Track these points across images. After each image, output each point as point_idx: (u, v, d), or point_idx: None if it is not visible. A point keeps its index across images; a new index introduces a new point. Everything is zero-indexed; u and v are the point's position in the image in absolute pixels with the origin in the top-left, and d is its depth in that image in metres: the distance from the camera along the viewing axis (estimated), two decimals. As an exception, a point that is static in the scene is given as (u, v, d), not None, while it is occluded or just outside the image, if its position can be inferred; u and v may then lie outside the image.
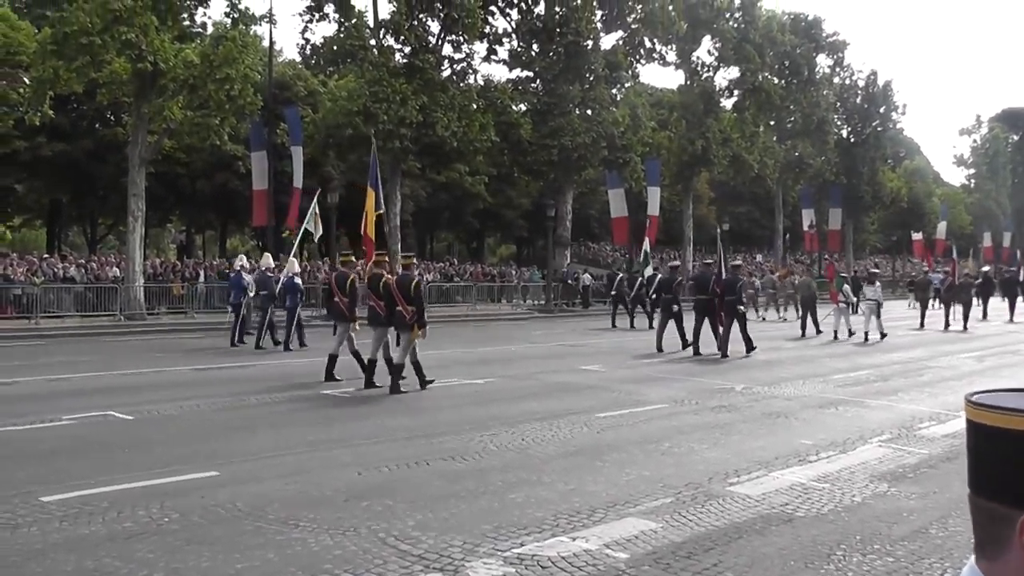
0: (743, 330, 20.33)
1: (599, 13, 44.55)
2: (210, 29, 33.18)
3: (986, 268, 43.00)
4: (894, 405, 12.66)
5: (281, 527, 6.31)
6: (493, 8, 44.14)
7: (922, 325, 29.69)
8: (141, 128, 29.94)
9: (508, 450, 9.13)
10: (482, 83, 42.28)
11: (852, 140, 67.48)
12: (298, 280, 21.74)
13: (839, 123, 67.22)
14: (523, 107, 43.87)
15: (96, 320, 27.31)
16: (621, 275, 33.41)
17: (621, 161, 44.15)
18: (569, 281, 42.66)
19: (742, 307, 20.79)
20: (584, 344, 23.07)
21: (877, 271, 31.70)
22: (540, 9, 44.18)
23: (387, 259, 17.50)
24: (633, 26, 46.87)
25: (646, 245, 33.61)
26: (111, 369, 16.20)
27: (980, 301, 34.24)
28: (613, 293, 32.19)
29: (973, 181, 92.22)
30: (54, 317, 27.27)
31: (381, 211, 20.42)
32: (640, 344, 22.35)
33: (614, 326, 29.71)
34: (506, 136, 40.95)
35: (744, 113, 56.61)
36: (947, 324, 29.60)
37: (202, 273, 34.60)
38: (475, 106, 39.61)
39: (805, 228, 55.51)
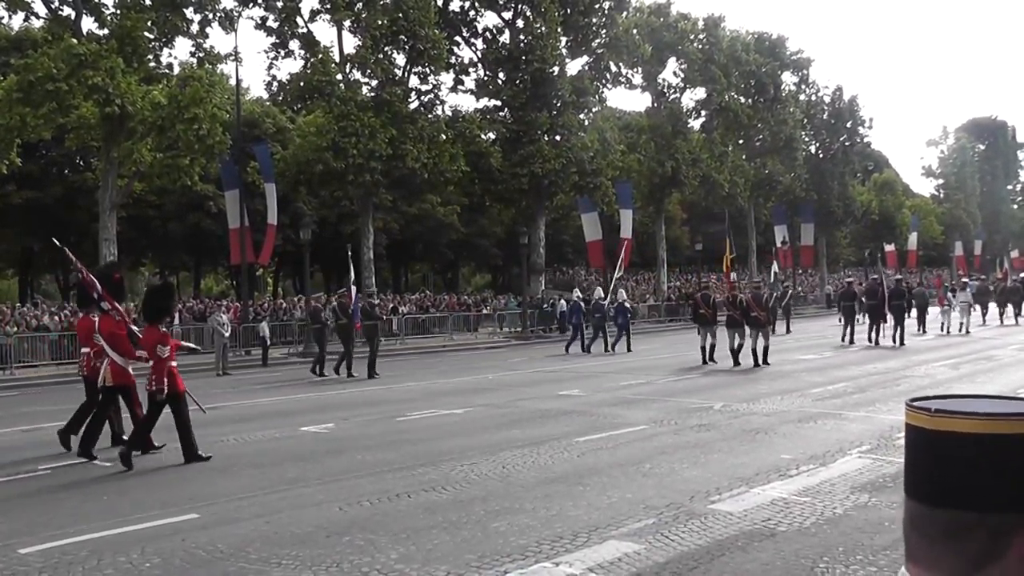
0: (902, 328, 27.37)
1: (564, 39, 44.85)
2: (177, 70, 33.11)
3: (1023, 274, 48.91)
4: (872, 416, 12.72)
5: (263, 566, 6.27)
6: (458, 38, 44.49)
7: (984, 322, 37.22)
8: (111, 172, 29.82)
9: (489, 479, 9.11)
10: (450, 113, 42.53)
11: (821, 156, 68.06)
12: (628, 304, 30.45)
13: (807, 139, 67.78)
14: (492, 136, 44.07)
15: (72, 368, 26.94)
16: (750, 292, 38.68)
17: (592, 186, 44.35)
18: (545, 307, 42.68)
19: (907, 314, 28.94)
20: (562, 369, 23.07)
21: (966, 280, 41.10)
22: (505, 38, 44.54)
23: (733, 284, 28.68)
24: (598, 51, 47.30)
25: (775, 267, 41.92)
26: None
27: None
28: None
29: (942, 192, 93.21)
30: (29, 367, 26.97)
31: (734, 255, 32.06)
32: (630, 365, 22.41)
33: None
34: (476, 165, 41.08)
35: (712, 133, 57.12)
36: (1002, 320, 37.03)
37: (177, 315, 34.32)
38: (444, 137, 39.80)
39: (778, 245, 55.86)
